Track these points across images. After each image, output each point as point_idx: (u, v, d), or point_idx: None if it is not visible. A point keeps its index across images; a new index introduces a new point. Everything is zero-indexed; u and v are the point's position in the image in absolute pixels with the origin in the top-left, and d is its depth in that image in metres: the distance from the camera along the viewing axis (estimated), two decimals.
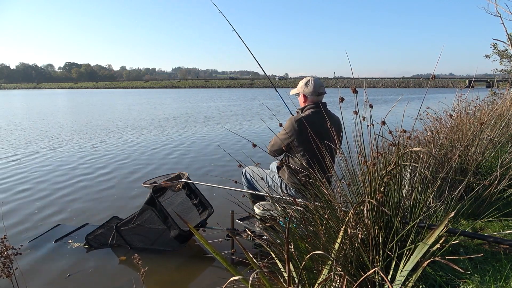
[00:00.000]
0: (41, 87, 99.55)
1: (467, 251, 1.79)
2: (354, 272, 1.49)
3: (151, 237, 2.86)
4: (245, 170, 2.95)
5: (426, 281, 1.50)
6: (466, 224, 2.18)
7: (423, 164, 1.78)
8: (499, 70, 10.63)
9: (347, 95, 1.59)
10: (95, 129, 10.74)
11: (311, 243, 1.57)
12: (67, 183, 4.85)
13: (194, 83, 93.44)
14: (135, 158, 6.53)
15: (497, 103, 4.65)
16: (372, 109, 1.56)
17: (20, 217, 3.64)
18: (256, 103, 23.09)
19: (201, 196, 3.12)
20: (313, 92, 2.60)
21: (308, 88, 2.61)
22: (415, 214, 1.67)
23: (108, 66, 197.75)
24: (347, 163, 1.73)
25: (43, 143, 8.18)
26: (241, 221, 2.81)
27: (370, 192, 1.54)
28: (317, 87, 2.60)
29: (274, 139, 2.66)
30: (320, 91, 2.62)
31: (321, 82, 2.67)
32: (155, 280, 2.47)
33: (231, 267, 1.28)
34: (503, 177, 2.29)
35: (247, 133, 9.83)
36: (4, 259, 1.52)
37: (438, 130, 3.15)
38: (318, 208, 1.68)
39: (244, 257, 1.41)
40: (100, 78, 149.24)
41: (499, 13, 8.34)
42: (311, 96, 2.62)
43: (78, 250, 2.90)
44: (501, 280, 1.43)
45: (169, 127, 11.28)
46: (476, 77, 9.50)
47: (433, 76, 1.73)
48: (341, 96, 1.56)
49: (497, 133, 2.93)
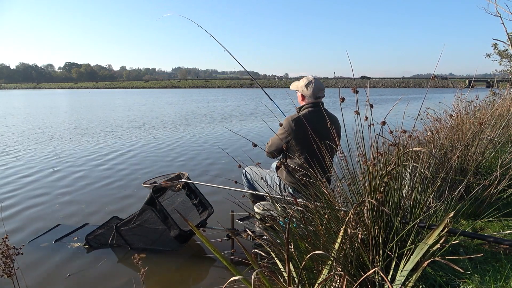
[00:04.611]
0: (41, 87, 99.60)
1: (467, 251, 1.79)
2: (354, 272, 1.49)
3: (151, 237, 2.86)
4: (245, 170, 2.95)
5: (426, 281, 1.50)
6: (466, 224, 2.18)
7: (423, 164, 1.78)
8: (499, 71, 10.64)
9: (347, 95, 1.59)
10: (99, 129, 10.75)
11: (311, 243, 1.57)
12: (66, 182, 4.85)
13: (194, 83, 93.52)
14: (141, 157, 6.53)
15: (497, 103, 4.65)
16: (372, 109, 1.56)
17: (20, 217, 3.64)
18: (259, 103, 23.22)
19: (201, 196, 3.12)
20: (311, 95, 2.63)
21: (308, 91, 2.63)
22: (415, 214, 1.67)
23: (108, 66, 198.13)
24: (347, 163, 1.73)
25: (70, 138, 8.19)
26: (241, 221, 2.81)
27: (370, 192, 1.54)
28: (316, 91, 2.62)
29: (271, 139, 2.67)
30: (318, 95, 2.63)
31: (322, 85, 2.68)
32: (155, 280, 2.47)
33: (232, 266, 1.28)
34: (503, 177, 2.29)
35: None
36: (5, 258, 1.52)
37: (438, 130, 3.15)
38: (318, 208, 1.68)
39: (244, 257, 1.41)
40: (100, 78, 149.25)
41: (499, 13, 8.34)
42: (309, 98, 2.64)
43: (78, 250, 2.90)
44: (501, 280, 1.43)
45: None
46: (476, 77, 9.51)
47: (433, 76, 1.73)
48: (341, 96, 1.56)
49: (497, 133, 2.93)
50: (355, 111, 1.56)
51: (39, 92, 64.59)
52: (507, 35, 8.91)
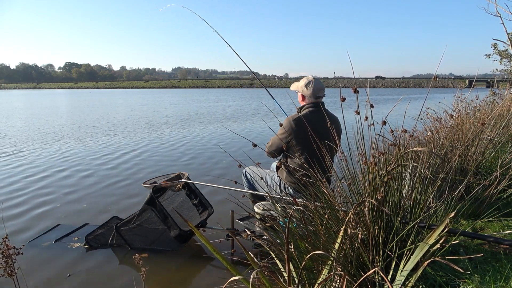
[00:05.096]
0: (41, 87, 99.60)
1: (467, 251, 1.79)
2: (354, 272, 1.49)
3: (151, 237, 2.86)
4: (246, 170, 2.95)
5: (426, 281, 1.50)
6: (466, 224, 2.18)
7: (423, 164, 1.78)
8: (499, 70, 10.64)
9: (347, 95, 1.59)
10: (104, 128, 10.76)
11: (311, 243, 1.57)
12: (72, 182, 4.86)
13: (194, 83, 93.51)
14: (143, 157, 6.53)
15: (497, 103, 4.65)
16: (372, 109, 1.56)
17: (20, 217, 3.64)
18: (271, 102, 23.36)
19: (201, 196, 3.12)
20: (311, 95, 2.63)
21: (308, 90, 2.64)
22: (415, 214, 1.67)
23: (108, 66, 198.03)
24: (347, 163, 1.73)
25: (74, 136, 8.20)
26: (241, 221, 2.81)
27: (370, 192, 1.54)
28: (316, 91, 2.62)
29: (272, 139, 2.68)
30: (319, 95, 2.64)
31: (322, 85, 2.68)
32: (155, 280, 2.47)
33: (232, 266, 1.28)
34: (503, 177, 2.29)
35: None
36: (6, 258, 1.52)
37: (438, 130, 3.15)
38: (318, 208, 1.68)
39: (244, 257, 1.40)
40: (100, 78, 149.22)
41: (499, 13, 8.35)
42: (309, 98, 2.65)
43: (78, 250, 2.90)
44: (501, 280, 1.43)
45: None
46: (476, 77, 9.61)
47: (435, 76, 1.73)
48: (341, 96, 1.56)
49: (497, 133, 2.93)
50: (356, 111, 1.56)
51: (39, 92, 64.59)
52: (507, 35, 8.92)
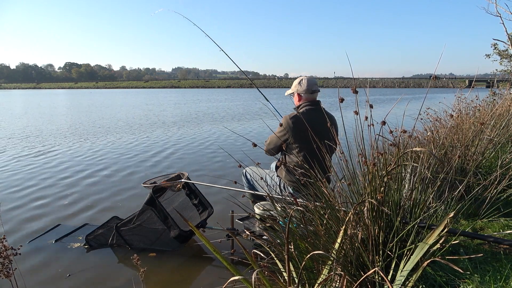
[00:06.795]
0: (41, 87, 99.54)
1: (467, 251, 1.79)
2: (354, 272, 1.49)
3: (151, 237, 2.86)
4: (246, 170, 2.95)
5: (426, 281, 1.50)
6: (466, 224, 2.18)
7: (423, 164, 1.78)
8: (499, 70, 10.64)
9: (346, 95, 1.59)
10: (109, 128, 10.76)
11: (311, 243, 1.57)
12: (70, 182, 4.86)
13: (194, 83, 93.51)
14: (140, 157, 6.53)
15: (497, 103, 4.64)
16: (372, 109, 1.56)
17: (20, 216, 3.64)
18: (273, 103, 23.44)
19: (201, 196, 3.12)
20: (306, 90, 2.66)
21: (302, 87, 2.66)
22: (415, 214, 1.67)
23: (108, 66, 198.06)
24: (347, 163, 1.73)
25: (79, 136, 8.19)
26: (241, 221, 2.81)
27: (370, 192, 1.54)
28: (310, 85, 2.66)
29: (270, 138, 2.69)
30: (313, 89, 2.67)
31: (315, 80, 2.73)
32: (155, 280, 2.46)
33: (232, 266, 1.28)
34: (503, 177, 2.29)
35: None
36: (3, 259, 1.51)
37: (438, 130, 3.15)
38: (318, 208, 1.68)
39: (244, 257, 1.40)
40: (100, 78, 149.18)
41: (499, 13, 8.34)
42: (305, 94, 2.68)
43: (78, 250, 2.90)
44: (501, 280, 1.43)
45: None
46: (476, 77, 9.62)
47: (434, 76, 1.73)
48: (340, 96, 1.56)
49: (497, 133, 2.93)
50: (355, 111, 1.56)
51: (39, 92, 64.56)
52: (507, 35, 8.91)
